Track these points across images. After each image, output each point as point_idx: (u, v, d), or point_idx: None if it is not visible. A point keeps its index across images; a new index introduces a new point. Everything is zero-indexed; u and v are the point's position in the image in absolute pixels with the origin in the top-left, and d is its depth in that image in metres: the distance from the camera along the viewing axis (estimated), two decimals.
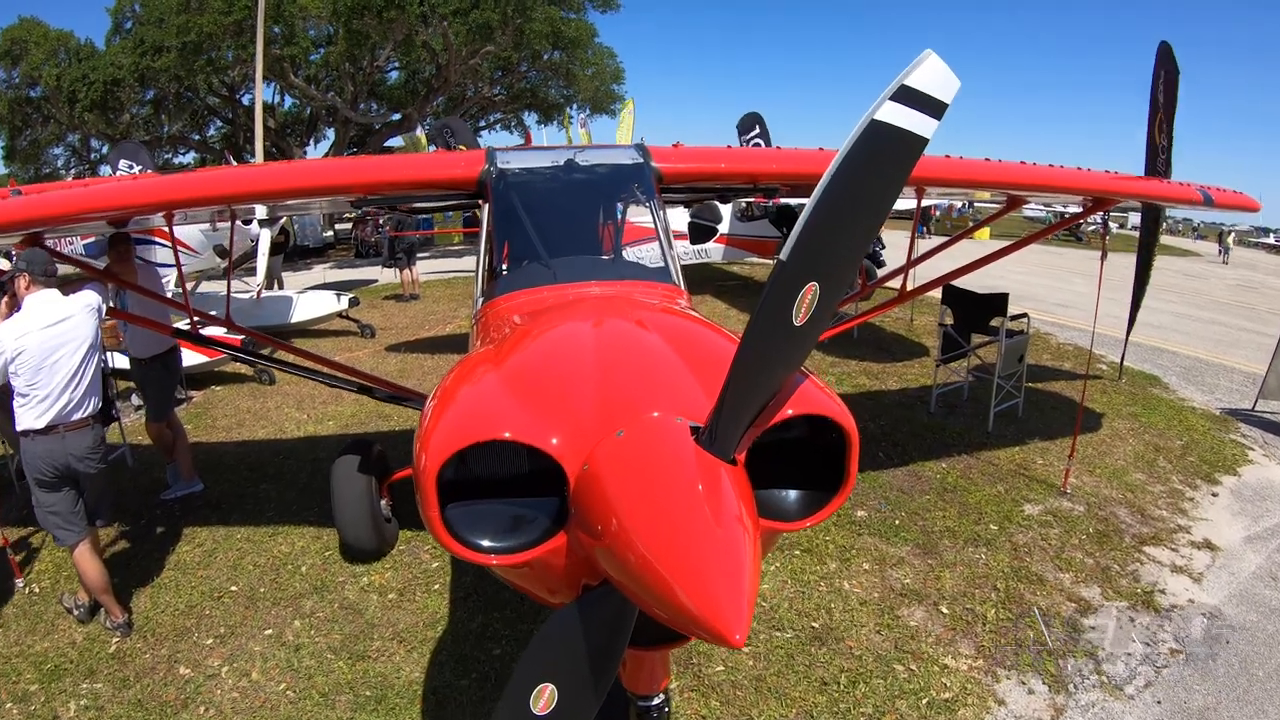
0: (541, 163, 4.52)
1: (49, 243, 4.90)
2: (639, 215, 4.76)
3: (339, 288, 15.88)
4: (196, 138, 31.59)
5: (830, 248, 1.90)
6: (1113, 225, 37.80)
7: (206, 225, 11.58)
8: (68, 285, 4.97)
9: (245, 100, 29.35)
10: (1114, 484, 7.11)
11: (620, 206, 4.79)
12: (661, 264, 4.10)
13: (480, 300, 3.90)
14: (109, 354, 7.59)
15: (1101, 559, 5.72)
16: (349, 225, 29.99)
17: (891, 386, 10.21)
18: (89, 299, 4.81)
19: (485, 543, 2.14)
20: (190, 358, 9.05)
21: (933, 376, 9.51)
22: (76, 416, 4.65)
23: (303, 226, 27.93)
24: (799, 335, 1.98)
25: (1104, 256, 6.63)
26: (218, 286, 14.84)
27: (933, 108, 1.82)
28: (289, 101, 32.19)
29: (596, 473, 1.98)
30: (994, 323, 8.74)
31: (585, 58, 30.46)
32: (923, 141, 1.84)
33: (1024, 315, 8.77)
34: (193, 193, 4.37)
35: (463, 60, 26.73)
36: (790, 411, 2.17)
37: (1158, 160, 9.46)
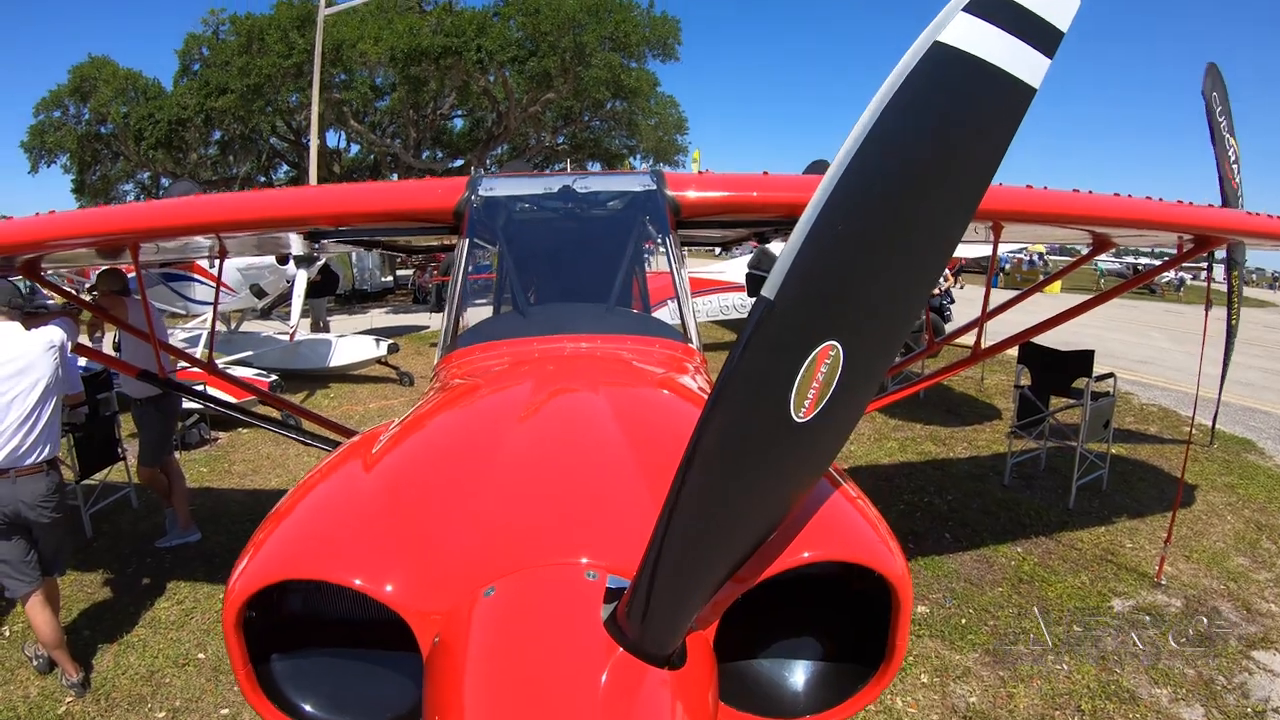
0: (532, 190, 3.89)
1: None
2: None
3: (391, 333, 15.66)
4: (263, 180, 32.35)
5: (862, 274, 1.14)
6: (1185, 275, 36.13)
7: (244, 263, 11.44)
8: (37, 319, 4.58)
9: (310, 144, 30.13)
10: (1213, 571, 6.18)
11: (626, 243, 3.87)
12: (673, 316, 3.39)
13: (439, 355, 3.25)
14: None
15: (1204, 668, 4.85)
16: (410, 271, 30.18)
17: (961, 454, 9.32)
18: (51, 336, 4.40)
19: (309, 708, 1.50)
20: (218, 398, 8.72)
21: (1007, 444, 8.61)
22: (30, 461, 4.30)
23: (361, 271, 28.18)
24: (805, 438, 1.22)
25: (1208, 306, 5.78)
26: (256, 326, 14.87)
27: (1038, 34, 1.08)
28: (354, 148, 32.86)
29: (447, 648, 1.31)
30: (1077, 384, 7.85)
31: (647, 107, 30.60)
32: (1026, 92, 1.11)
33: (1110, 375, 7.86)
34: (148, 223, 3.87)
35: (523, 108, 26.95)
36: (806, 554, 1.47)
37: (1228, 194, 8.54)
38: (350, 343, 13.32)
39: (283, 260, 11.41)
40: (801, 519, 1.48)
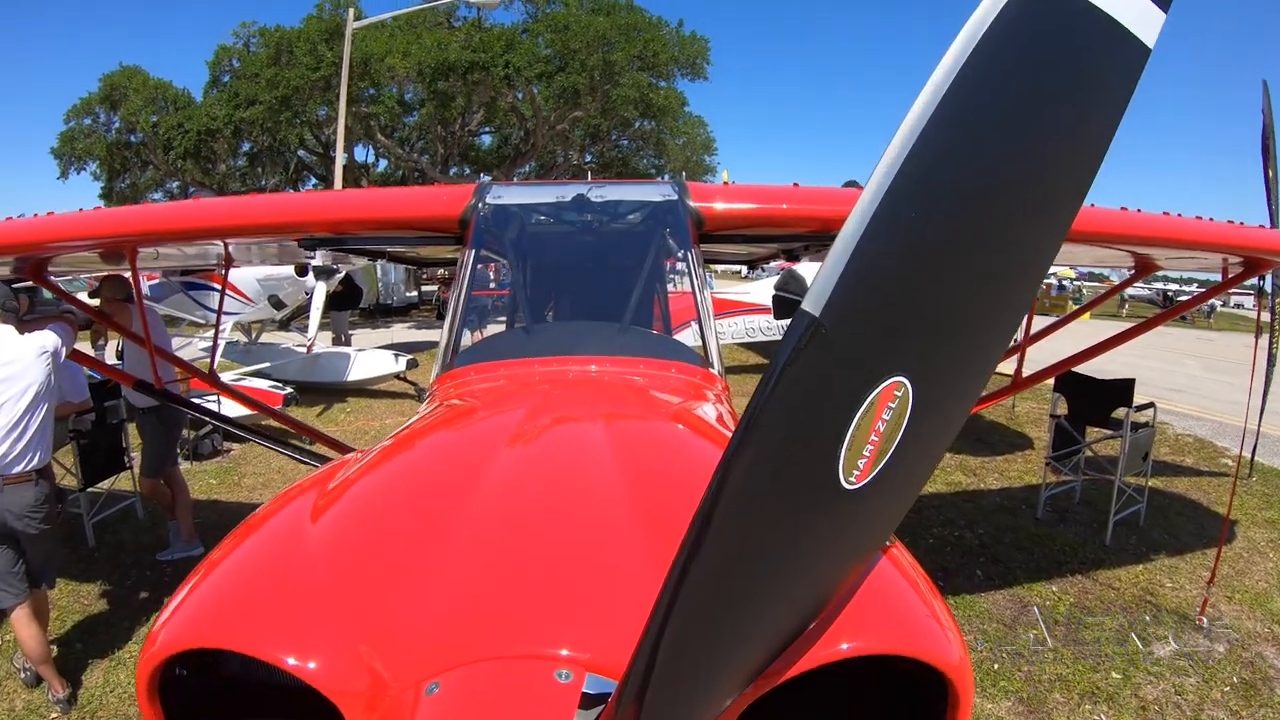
0: (543, 199, 3.66)
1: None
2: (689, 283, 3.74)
3: (412, 348, 15.55)
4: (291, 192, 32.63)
5: (940, 282, 0.88)
6: (1216, 303, 35.49)
7: (262, 274, 11.39)
8: (33, 324, 4.45)
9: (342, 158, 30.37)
10: (1257, 613, 5.85)
11: (643, 257, 3.53)
12: (694, 337, 3.16)
13: (434, 373, 3.01)
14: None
15: None
16: (435, 286, 30.21)
17: (992, 486, 8.96)
18: (44, 341, 4.26)
19: None
20: (232, 409, 8.62)
21: (1041, 476, 8.26)
22: (17, 470, 4.17)
23: (386, 285, 28.25)
24: (857, 509, 0.97)
25: (1259, 333, 5.47)
26: (277, 338, 14.82)
27: None
28: (383, 163, 33.11)
29: None
30: (1116, 413, 7.54)
31: (675, 127, 30.65)
32: (1140, 51, 0.87)
33: (1150, 405, 7.53)
34: (143, 226, 3.73)
35: (550, 125, 27.02)
36: (845, 646, 1.20)
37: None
38: (369, 357, 13.18)
39: (301, 271, 11.34)
40: (844, 597, 1.21)
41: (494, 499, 1.52)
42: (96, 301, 6.08)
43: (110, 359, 12.64)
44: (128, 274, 6.04)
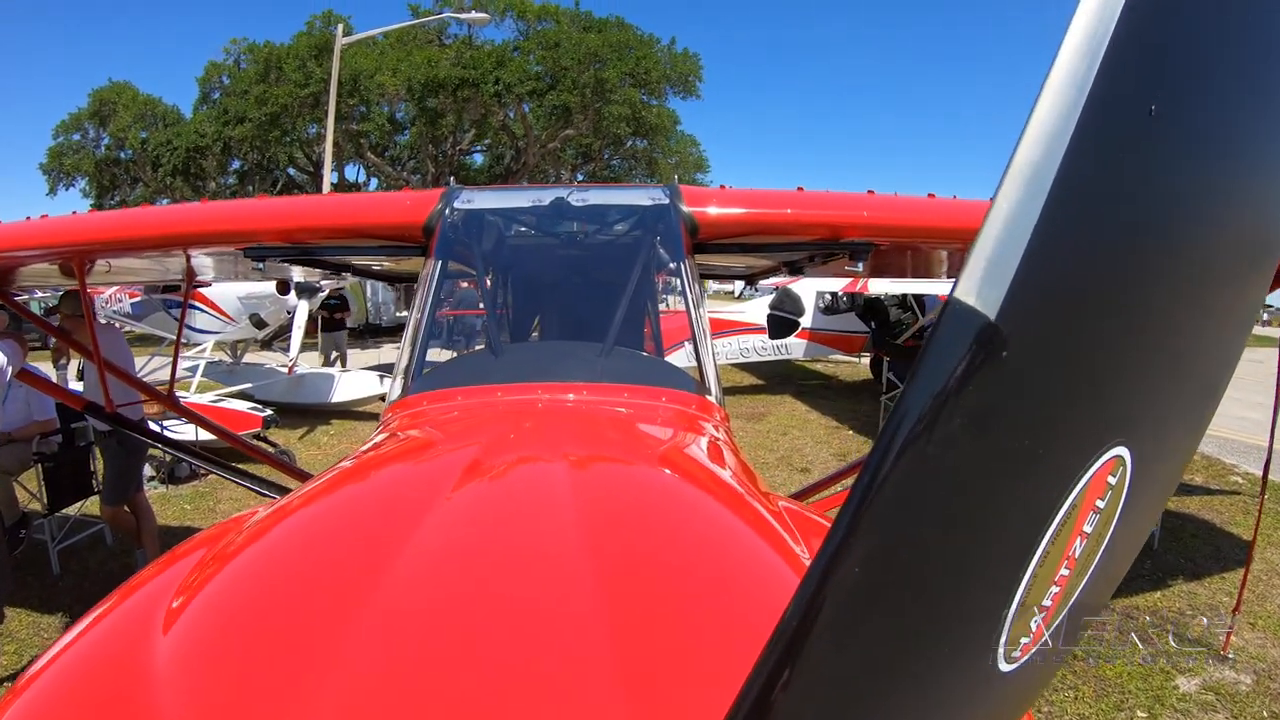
0: (518, 204, 3.33)
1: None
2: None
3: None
4: None
5: (1164, 277, 0.52)
6: None
7: (243, 291, 11.12)
8: None
9: (333, 177, 30.34)
10: None
11: (630, 268, 3.03)
12: (688, 360, 2.83)
13: (388, 400, 2.67)
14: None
15: None
16: None
17: None
18: None
19: None
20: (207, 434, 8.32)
21: None
22: None
23: (375, 305, 28.02)
24: (1006, 690, 0.58)
25: None
26: (259, 358, 14.50)
27: None
28: (374, 183, 33.06)
29: None
30: None
31: (667, 146, 30.59)
32: None
33: None
34: (82, 236, 3.44)
35: (541, 144, 26.98)
36: None
37: None
38: (354, 378, 12.89)
39: (283, 289, 11.04)
40: None
41: (413, 583, 1.18)
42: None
43: (72, 379, 12.32)
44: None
